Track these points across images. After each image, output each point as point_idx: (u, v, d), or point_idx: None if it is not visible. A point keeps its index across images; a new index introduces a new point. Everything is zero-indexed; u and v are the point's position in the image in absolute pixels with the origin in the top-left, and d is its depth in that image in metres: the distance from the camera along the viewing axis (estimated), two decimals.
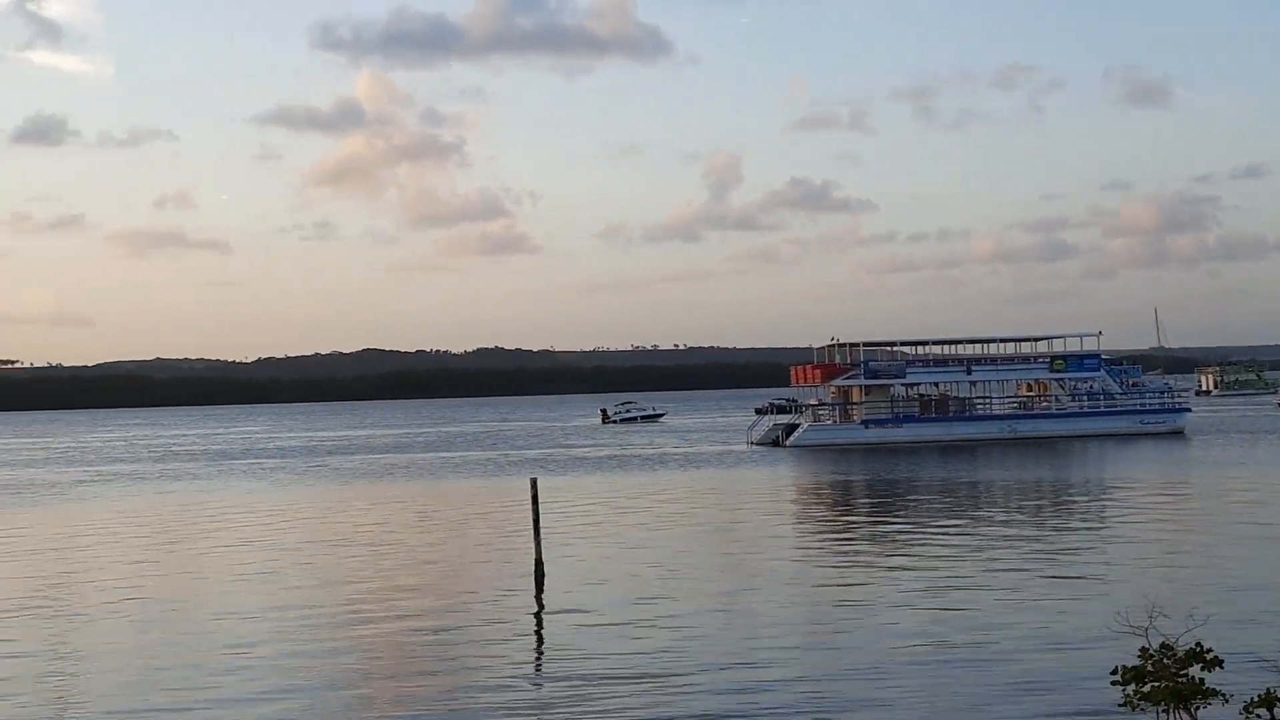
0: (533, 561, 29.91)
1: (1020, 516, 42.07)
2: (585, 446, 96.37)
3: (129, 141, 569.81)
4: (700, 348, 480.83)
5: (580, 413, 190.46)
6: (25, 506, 57.19)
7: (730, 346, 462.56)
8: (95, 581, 31.98)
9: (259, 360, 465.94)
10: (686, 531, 39.92)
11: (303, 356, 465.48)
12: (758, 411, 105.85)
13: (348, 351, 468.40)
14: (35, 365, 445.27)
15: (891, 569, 30.48)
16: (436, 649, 22.71)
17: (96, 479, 74.95)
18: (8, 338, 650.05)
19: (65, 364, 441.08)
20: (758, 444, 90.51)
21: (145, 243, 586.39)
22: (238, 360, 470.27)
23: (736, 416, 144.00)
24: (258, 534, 42.27)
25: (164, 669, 21.40)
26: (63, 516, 51.70)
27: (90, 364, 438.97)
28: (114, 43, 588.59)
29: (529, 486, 31.13)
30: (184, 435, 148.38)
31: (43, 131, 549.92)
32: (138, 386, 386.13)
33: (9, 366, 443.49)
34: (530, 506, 30.38)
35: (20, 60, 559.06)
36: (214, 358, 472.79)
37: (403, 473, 73.96)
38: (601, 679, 19.83)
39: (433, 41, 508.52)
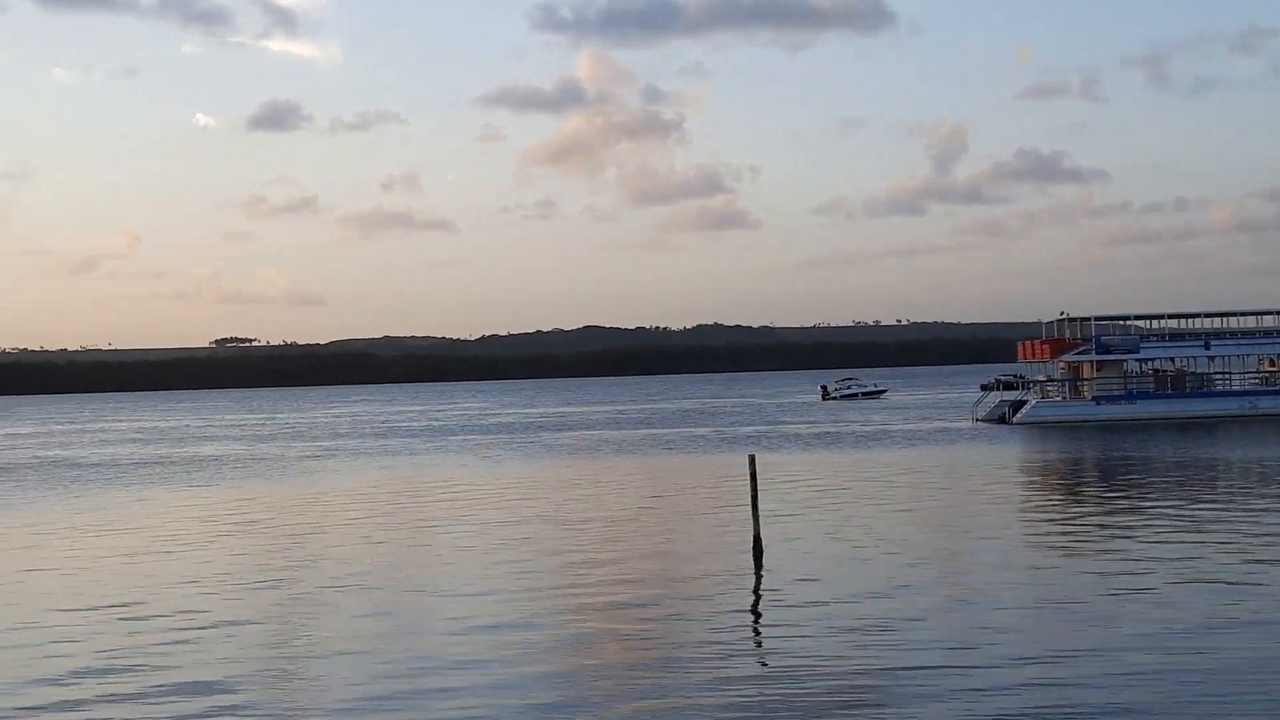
0: (750, 539, 29.29)
1: (1266, 499, 38.98)
2: (802, 423, 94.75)
3: (358, 125, 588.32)
4: (923, 323, 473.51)
5: (799, 390, 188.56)
6: (252, 481, 58.41)
7: (954, 321, 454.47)
8: (320, 557, 31.90)
9: (482, 338, 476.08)
10: (907, 510, 38.23)
11: (524, 334, 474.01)
12: (983, 388, 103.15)
13: (568, 329, 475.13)
14: (271, 343, 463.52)
15: (1127, 554, 28.20)
16: (655, 627, 21.90)
17: (320, 454, 76.46)
18: (247, 317, 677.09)
19: (299, 342, 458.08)
20: (983, 421, 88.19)
21: (374, 224, 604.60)
22: (462, 338, 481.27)
23: (961, 393, 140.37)
24: (475, 510, 42.01)
25: (387, 647, 20.88)
26: (286, 491, 52.55)
27: (323, 342, 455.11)
28: (344, 29, 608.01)
29: (746, 463, 30.48)
30: (406, 411, 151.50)
31: (278, 117, 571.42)
32: (367, 364, 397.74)
33: (248, 344, 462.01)
34: (749, 483, 29.72)
35: (258, 49, 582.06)
36: (439, 335, 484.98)
37: (617, 449, 73.61)
38: (822, 661, 18.78)
39: (653, 19, 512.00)
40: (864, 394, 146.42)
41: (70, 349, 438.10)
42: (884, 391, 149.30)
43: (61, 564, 31.78)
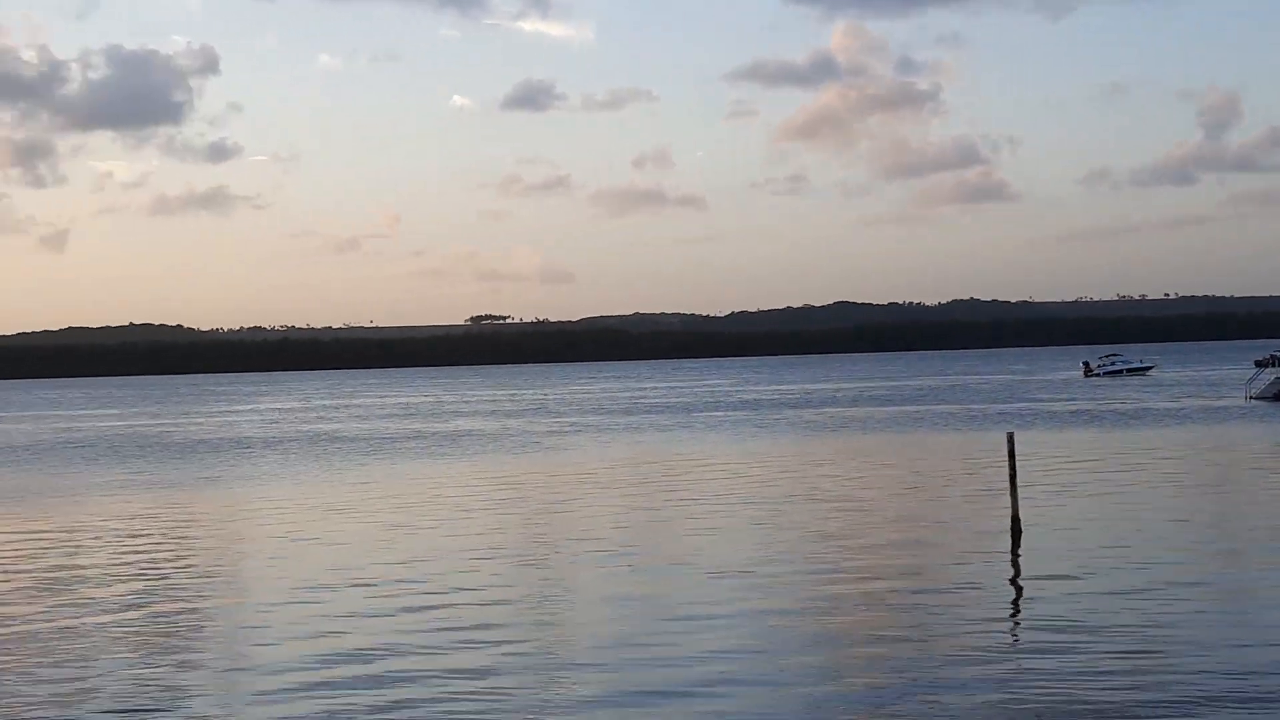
0: (1008, 519, 28.15)
1: None
2: (1060, 401, 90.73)
3: (610, 103, 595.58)
4: (1193, 296, 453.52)
5: (1059, 366, 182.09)
6: (502, 456, 58.59)
7: (1226, 295, 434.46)
8: (574, 534, 31.30)
9: (731, 314, 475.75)
10: (1173, 492, 35.61)
11: (774, 310, 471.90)
12: (1257, 364, 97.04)
13: (819, 304, 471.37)
14: (524, 320, 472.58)
15: None
16: (908, 607, 20.96)
17: (567, 430, 76.53)
18: (501, 294, 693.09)
19: (551, 319, 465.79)
20: (1257, 398, 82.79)
21: (625, 200, 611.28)
22: (711, 314, 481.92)
23: (1233, 370, 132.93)
24: (724, 488, 40.94)
25: (637, 623, 20.24)
26: (535, 467, 52.42)
27: (574, 319, 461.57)
28: (596, 8, 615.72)
29: (1004, 441, 29.26)
30: (654, 388, 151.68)
31: (531, 97, 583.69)
32: (617, 340, 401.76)
33: (501, 322, 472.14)
34: (1007, 462, 28.59)
35: (513, 30, 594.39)
36: (689, 312, 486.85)
37: (866, 426, 71.66)
38: (1081, 648, 17.43)
39: None
40: (1129, 370, 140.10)
41: (335, 326, 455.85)
42: (1150, 368, 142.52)
43: (325, 535, 31.85)
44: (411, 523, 34.05)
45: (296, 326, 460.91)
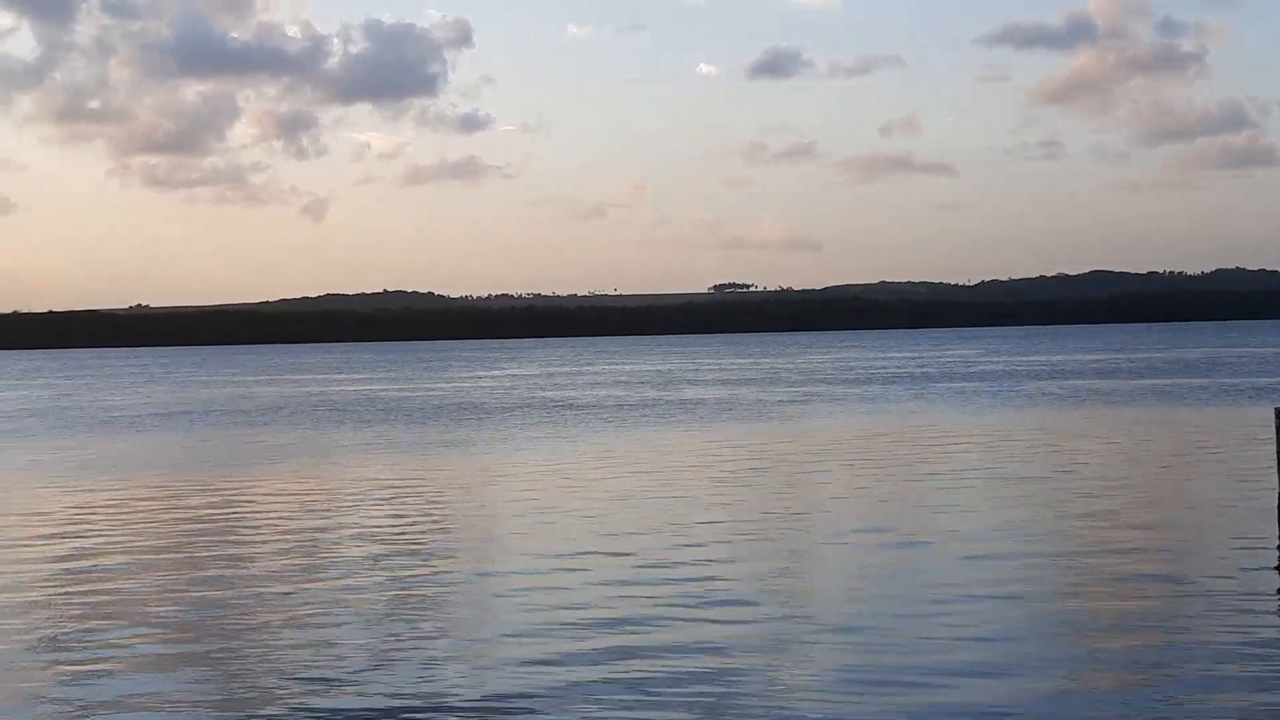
0: (1275, 502, 26.39)
1: None
2: None
3: (858, 70, 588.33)
4: None
5: None
6: (732, 425, 57.50)
7: None
8: (814, 507, 30.26)
9: (981, 283, 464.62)
10: None
11: (1026, 279, 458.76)
12: None
13: (1073, 273, 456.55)
14: (768, 289, 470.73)
15: None
16: (1164, 597, 19.19)
17: (799, 399, 74.84)
18: (745, 262, 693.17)
19: (795, 287, 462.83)
20: None
21: (872, 168, 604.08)
22: (960, 283, 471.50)
23: None
24: (963, 461, 39.18)
25: (880, 603, 19.08)
26: (765, 436, 51.22)
27: (818, 287, 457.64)
28: None
29: (1272, 417, 27.66)
30: (896, 358, 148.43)
31: (778, 64, 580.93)
32: (862, 309, 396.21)
33: (745, 290, 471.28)
34: (1275, 439, 27.13)
35: None
36: (937, 280, 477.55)
37: (1120, 399, 68.08)
38: None
39: None
40: None
41: (580, 294, 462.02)
42: None
43: (561, 503, 31.18)
44: (646, 491, 33.30)
45: (543, 294, 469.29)
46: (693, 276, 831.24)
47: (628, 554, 23.71)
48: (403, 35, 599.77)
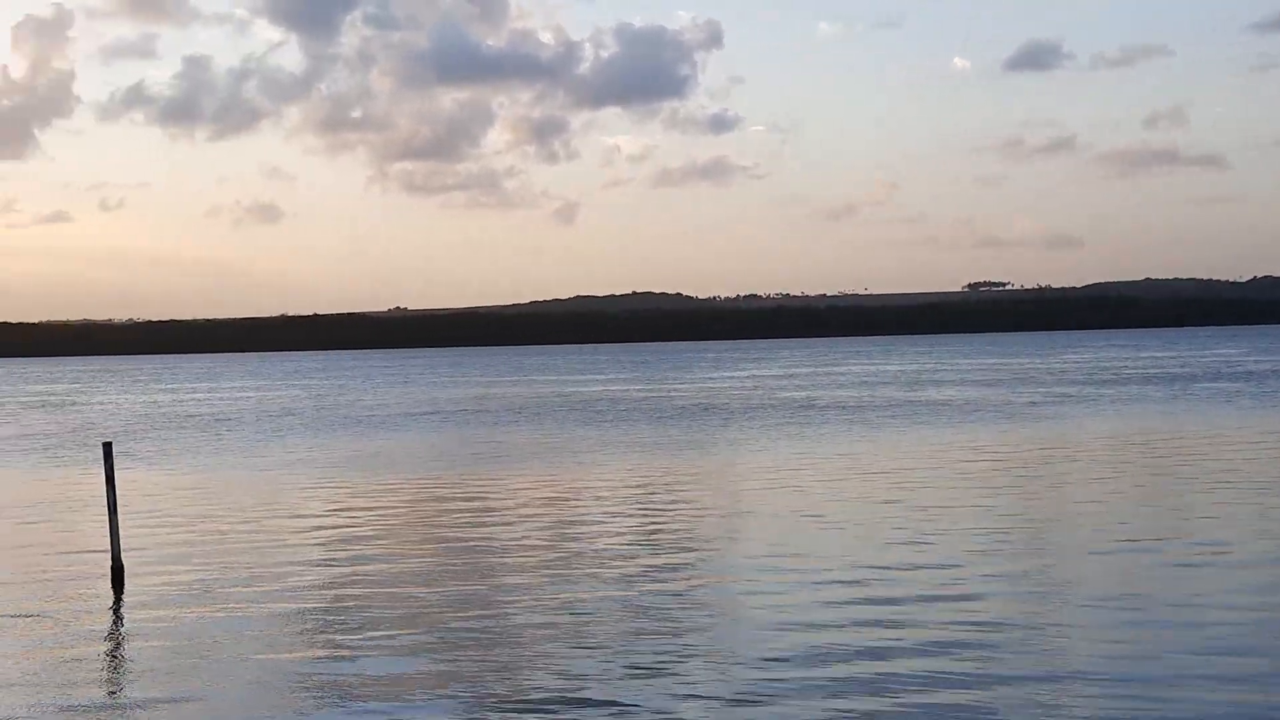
0: None
1: None
2: None
3: (1121, 60, 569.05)
4: None
5: None
6: (983, 427, 56.19)
7: None
8: (1065, 512, 29.21)
9: (1254, 279, 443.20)
10: None
11: None
12: None
13: None
14: (1024, 287, 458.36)
15: None
16: None
17: (1047, 400, 72.52)
18: (1001, 260, 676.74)
19: (1053, 285, 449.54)
20: None
21: (1135, 161, 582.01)
22: (1231, 279, 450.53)
23: None
24: (1223, 466, 37.11)
25: (1143, 627, 17.58)
26: (1017, 439, 49.78)
27: (1078, 285, 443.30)
28: None
29: None
30: (1154, 358, 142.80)
31: (1036, 56, 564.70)
32: (1123, 307, 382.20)
33: (1000, 289, 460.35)
34: None
35: None
36: (1205, 277, 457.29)
37: None
38: None
39: None
40: None
41: (829, 294, 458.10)
42: None
43: (805, 507, 30.84)
44: (890, 494, 32.73)
45: (791, 294, 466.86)
46: (946, 275, 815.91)
47: (872, 556, 23.27)
48: (654, 38, 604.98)
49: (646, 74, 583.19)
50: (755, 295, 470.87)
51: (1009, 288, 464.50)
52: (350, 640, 17.84)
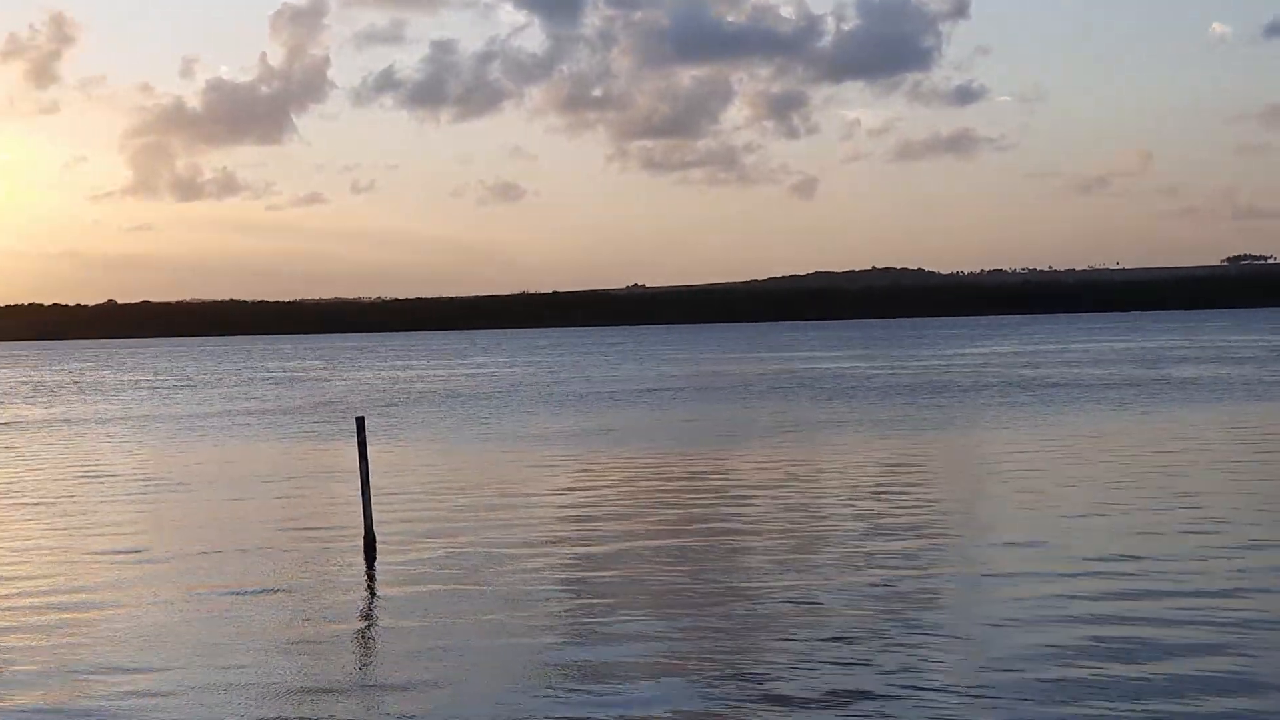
0: None
1: None
2: None
3: None
4: None
5: None
6: (1228, 404, 53.60)
7: None
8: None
9: None
10: None
11: None
12: None
13: None
14: None
15: None
16: None
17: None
18: (1264, 233, 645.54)
19: None
20: None
21: None
22: None
23: None
24: None
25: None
26: (1262, 415, 47.43)
27: None
28: None
29: None
30: None
31: None
32: None
33: (1263, 262, 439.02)
34: None
35: None
36: None
37: None
38: None
39: None
40: None
41: (1078, 269, 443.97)
42: None
43: (1046, 485, 30.40)
44: (1142, 480, 31.07)
45: (1038, 269, 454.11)
46: (1203, 249, 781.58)
47: (1121, 544, 22.41)
48: (898, 10, 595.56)
49: (889, 46, 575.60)
50: (1000, 270, 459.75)
51: (1273, 260, 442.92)
52: (595, 625, 17.89)
